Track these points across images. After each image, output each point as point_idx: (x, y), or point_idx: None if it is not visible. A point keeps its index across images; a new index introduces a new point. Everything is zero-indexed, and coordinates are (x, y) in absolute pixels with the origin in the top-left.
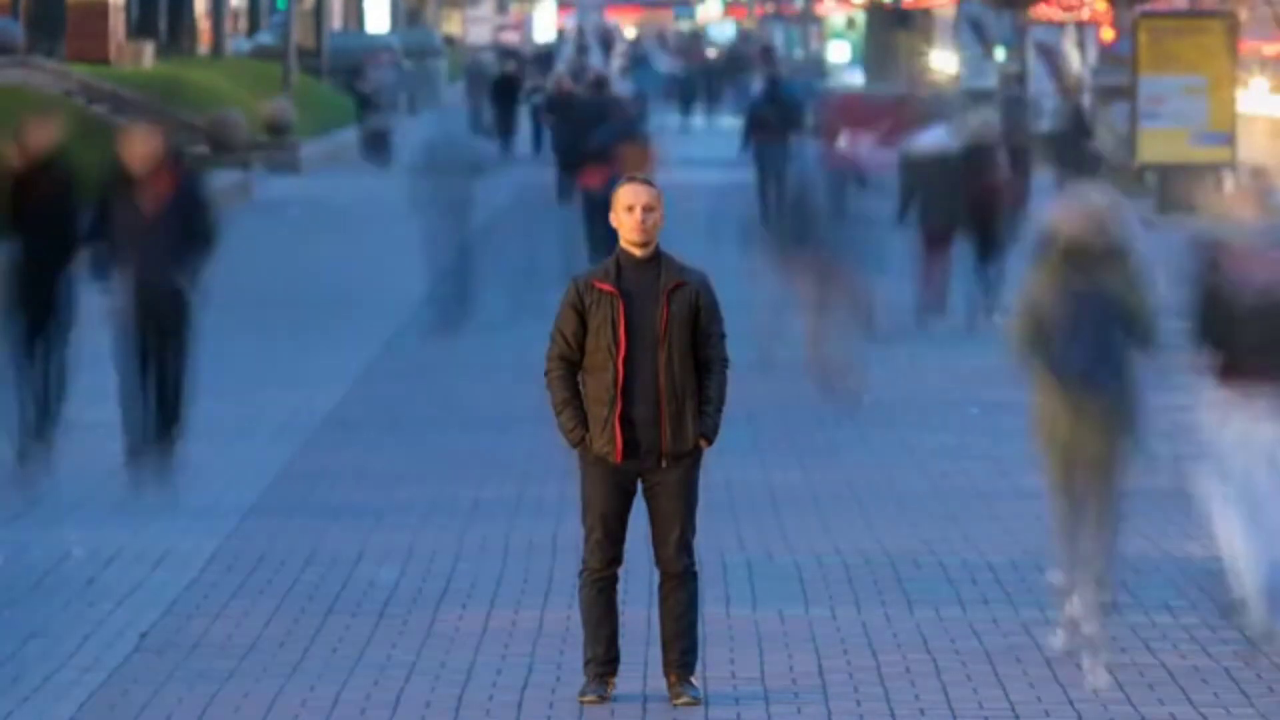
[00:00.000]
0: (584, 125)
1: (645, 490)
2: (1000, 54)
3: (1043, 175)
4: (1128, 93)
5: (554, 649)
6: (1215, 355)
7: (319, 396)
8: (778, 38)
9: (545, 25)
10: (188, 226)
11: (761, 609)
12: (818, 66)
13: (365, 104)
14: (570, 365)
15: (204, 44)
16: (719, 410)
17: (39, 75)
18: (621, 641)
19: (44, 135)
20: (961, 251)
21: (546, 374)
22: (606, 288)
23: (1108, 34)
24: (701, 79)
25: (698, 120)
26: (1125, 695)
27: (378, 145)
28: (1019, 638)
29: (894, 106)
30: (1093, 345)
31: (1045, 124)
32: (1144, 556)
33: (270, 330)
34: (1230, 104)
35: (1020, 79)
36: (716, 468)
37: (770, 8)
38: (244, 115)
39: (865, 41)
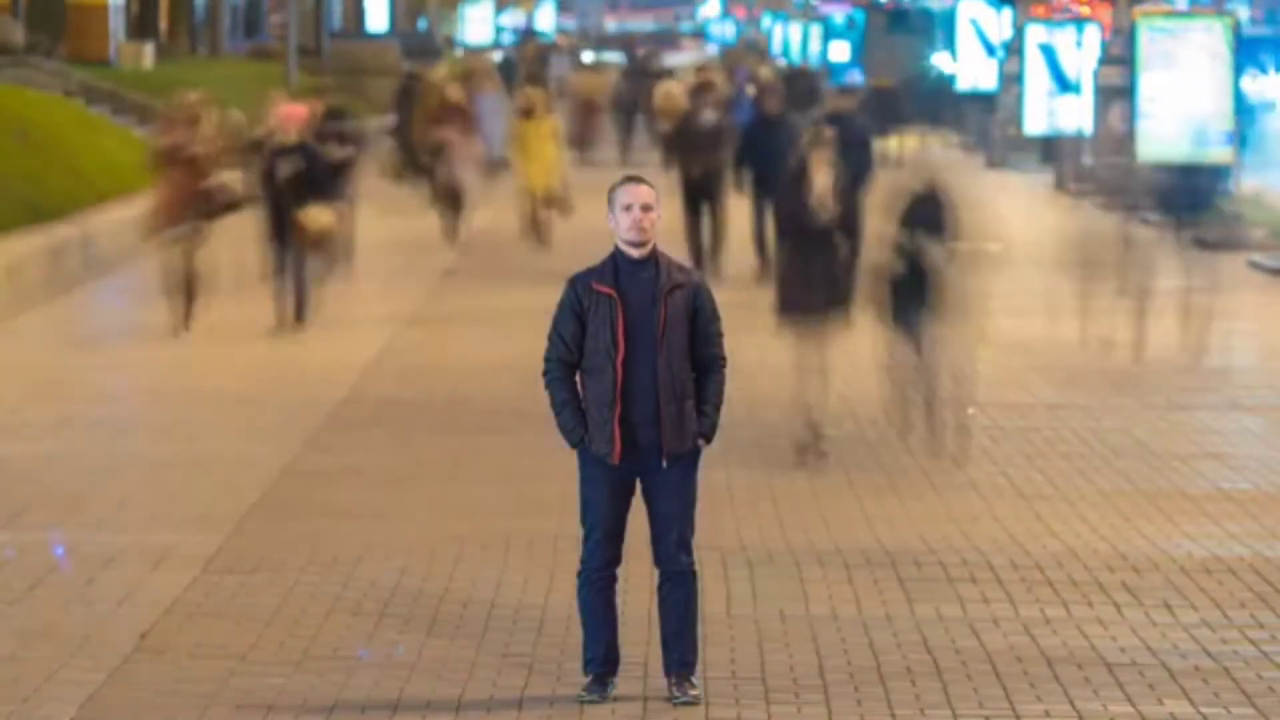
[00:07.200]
0: None
1: (644, 490)
2: (1000, 54)
3: None
4: (1128, 93)
5: (554, 649)
6: None
7: (319, 396)
8: (776, 37)
9: (545, 25)
10: None
11: (761, 609)
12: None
13: None
14: (568, 366)
15: (203, 44)
16: (718, 410)
17: (39, 75)
18: (621, 641)
19: None
20: None
21: (545, 375)
22: (604, 289)
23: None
24: None
25: None
26: (1125, 695)
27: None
28: (1019, 637)
29: None
30: None
31: None
32: (1144, 556)
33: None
34: (1230, 104)
35: (1018, 79)
36: (716, 468)
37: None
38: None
39: (864, 41)
